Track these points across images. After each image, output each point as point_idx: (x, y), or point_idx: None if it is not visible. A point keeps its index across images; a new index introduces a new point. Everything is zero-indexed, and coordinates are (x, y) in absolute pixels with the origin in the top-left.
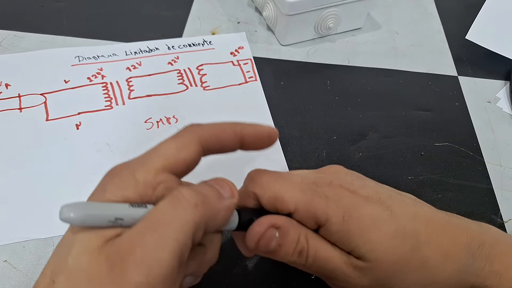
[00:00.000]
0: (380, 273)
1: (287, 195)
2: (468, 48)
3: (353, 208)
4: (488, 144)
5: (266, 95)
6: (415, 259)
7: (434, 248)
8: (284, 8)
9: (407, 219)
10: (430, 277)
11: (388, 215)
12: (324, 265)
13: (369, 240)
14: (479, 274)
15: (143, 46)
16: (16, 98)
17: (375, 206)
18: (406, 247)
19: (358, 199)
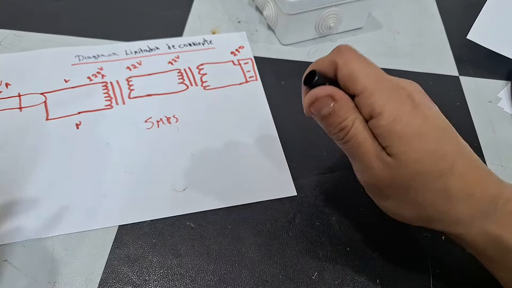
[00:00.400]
0: (401, 177)
1: (361, 78)
2: (469, 48)
3: (407, 115)
4: (489, 144)
5: (266, 94)
6: (440, 182)
7: (462, 184)
8: (284, 8)
9: (451, 149)
10: (443, 206)
11: (437, 136)
12: (357, 148)
13: (407, 145)
14: (496, 222)
15: (143, 46)
16: (16, 98)
17: (429, 123)
18: (437, 168)
19: (417, 111)
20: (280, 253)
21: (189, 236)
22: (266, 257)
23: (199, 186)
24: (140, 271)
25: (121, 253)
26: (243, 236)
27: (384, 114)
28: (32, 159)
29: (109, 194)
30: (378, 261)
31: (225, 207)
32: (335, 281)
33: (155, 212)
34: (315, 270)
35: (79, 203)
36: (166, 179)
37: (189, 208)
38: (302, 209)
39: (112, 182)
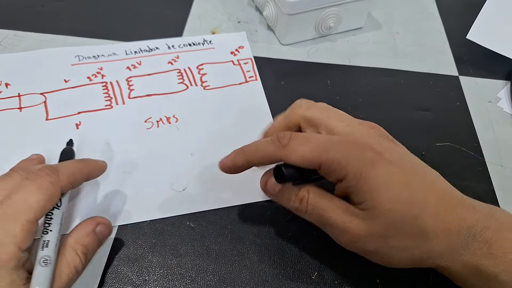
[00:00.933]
0: (378, 228)
1: (310, 158)
2: (469, 48)
3: (371, 167)
4: (489, 144)
5: (266, 94)
6: (415, 225)
7: (438, 222)
8: (284, 8)
9: (421, 189)
10: (425, 246)
11: (404, 182)
12: (324, 214)
13: (377, 198)
14: (476, 253)
15: (143, 46)
16: (16, 98)
17: (393, 169)
18: (410, 213)
19: (379, 159)
20: (280, 253)
21: (189, 236)
22: (266, 257)
23: (199, 186)
24: (140, 271)
25: (121, 253)
26: (243, 236)
27: (349, 175)
28: None
29: (109, 194)
30: None
31: (225, 207)
32: (335, 281)
33: (155, 212)
34: (315, 270)
35: (78, 204)
36: (166, 179)
37: (189, 208)
38: None
39: (112, 182)
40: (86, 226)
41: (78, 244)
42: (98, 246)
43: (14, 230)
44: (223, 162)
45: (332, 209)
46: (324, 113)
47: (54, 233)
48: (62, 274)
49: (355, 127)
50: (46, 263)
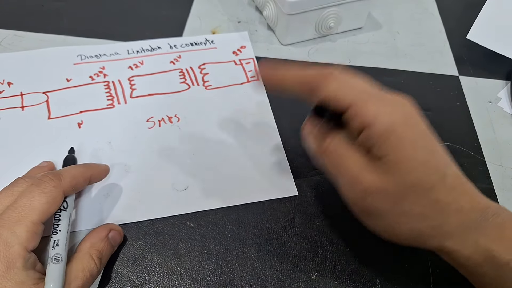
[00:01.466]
0: (394, 186)
1: (343, 95)
2: (469, 48)
3: (402, 126)
4: (489, 144)
5: (268, 94)
6: (430, 194)
7: (453, 197)
8: (284, 8)
9: (442, 161)
10: (435, 219)
11: (430, 148)
12: (340, 161)
13: (400, 154)
14: (488, 234)
15: (145, 45)
16: (18, 97)
17: (421, 134)
18: (430, 179)
19: (410, 122)
20: (280, 253)
21: (189, 236)
22: (266, 257)
23: (200, 186)
24: (140, 271)
25: (121, 253)
26: (243, 236)
27: (377, 124)
28: (34, 158)
29: (110, 194)
30: (378, 261)
31: (225, 207)
32: (335, 281)
33: (155, 212)
34: (315, 270)
35: (79, 202)
36: (167, 179)
37: (189, 208)
38: (302, 209)
39: (113, 181)
40: (99, 232)
41: (93, 249)
42: (111, 252)
43: (19, 231)
44: (262, 71)
45: (350, 157)
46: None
47: (63, 232)
48: (78, 279)
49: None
50: (57, 261)
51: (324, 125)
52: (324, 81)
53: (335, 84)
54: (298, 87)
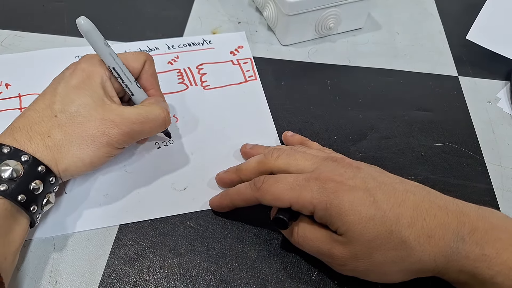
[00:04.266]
0: (359, 248)
1: (281, 199)
2: (469, 48)
3: (334, 196)
4: (489, 144)
5: (266, 95)
6: (393, 238)
7: (417, 230)
8: (284, 8)
9: (390, 205)
10: (411, 256)
11: (370, 201)
12: (312, 243)
13: (347, 222)
14: (469, 256)
15: (142, 46)
16: (17, 98)
17: (359, 193)
18: (383, 229)
19: (342, 188)
20: (280, 253)
21: (190, 235)
22: (266, 257)
23: (199, 186)
24: (141, 271)
25: (122, 252)
26: (243, 235)
27: (317, 207)
28: None
29: (110, 194)
30: None
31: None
32: (334, 281)
33: (155, 212)
34: (315, 270)
35: (79, 203)
36: (166, 179)
37: (189, 208)
38: None
39: (113, 182)
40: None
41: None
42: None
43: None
44: (212, 201)
45: (318, 238)
46: (291, 159)
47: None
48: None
49: (319, 164)
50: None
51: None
52: (260, 197)
53: (268, 196)
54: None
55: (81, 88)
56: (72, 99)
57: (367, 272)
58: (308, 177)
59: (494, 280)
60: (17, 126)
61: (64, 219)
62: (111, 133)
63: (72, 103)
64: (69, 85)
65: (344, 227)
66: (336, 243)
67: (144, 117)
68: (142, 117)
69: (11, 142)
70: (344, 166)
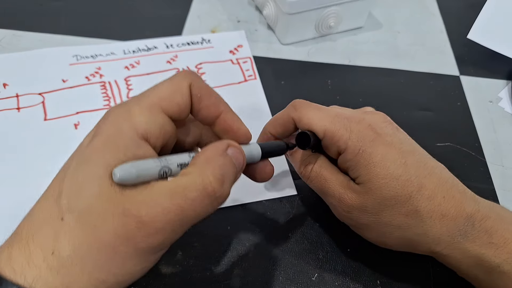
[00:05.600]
0: (372, 201)
1: (318, 124)
2: (470, 47)
3: (370, 145)
4: (490, 144)
5: (266, 94)
6: (409, 204)
7: (433, 205)
8: (284, 7)
9: (418, 172)
10: (418, 227)
11: (401, 162)
12: (325, 183)
13: (371, 173)
14: (476, 241)
15: (141, 45)
16: (14, 98)
17: (392, 150)
18: (404, 191)
19: (379, 140)
20: (280, 254)
21: (189, 236)
22: (266, 258)
23: None
24: None
25: None
26: (243, 236)
27: (349, 149)
28: (30, 159)
29: None
30: (378, 262)
31: (225, 207)
32: (335, 282)
33: None
34: (315, 271)
35: None
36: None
37: None
38: (302, 209)
39: None
40: (217, 145)
41: (210, 165)
42: (235, 174)
43: (132, 110)
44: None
45: (332, 180)
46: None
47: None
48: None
49: (362, 112)
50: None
51: (308, 152)
52: (296, 118)
53: (305, 119)
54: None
55: (95, 163)
56: (81, 186)
57: (367, 228)
58: (350, 117)
59: (501, 268)
60: (19, 232)
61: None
62: (137, 236)
63: (81, 194)
64: (82, 159)
65: (367, 176)
66: (350, 190)
67: (182, 199)
68: (180, 199)
69: (4, 264)
70: (386, 121)
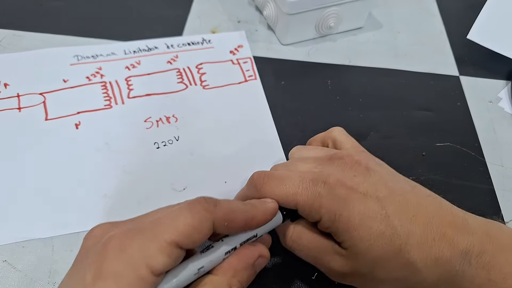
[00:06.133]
0: (362, 265)
1: (287, 200)
2: (470, 48)
3: (344, 207)
4: (490, 144)
5: (266, 94)
6: (400, 258)
7: (425, 251)
8: (284, 7)
9: (402, 220)
10: (415, 277)
11: (382, 215)
12: (308, 251)
13: (354, 237)
14: (474, 281)
15: (142, 45)
16: (15, 98)
17: (369, 204)
18: (393, 247)
19: (352, 196)
20: (280, 253)
21: None
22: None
23: (199, 186)
24: None
25: None
26: None
27: (324, 218)
28: (31, 159)
29: (109, 194)
30: None
31: None
32: (334, 282)
33: None
34: (315, 270)
35: (78, 203)
36: (165, 179)
37: None
38: None
39: (112, 182)
40: (247, 257)
41: (235, 279)
42: (252, 279)
43: (150, 248)
44: None
45: (316, 248)
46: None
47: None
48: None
49: (325, 164)
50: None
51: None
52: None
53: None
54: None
55: None
56: None
57: (365, 286)
58: (315, 179)
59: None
60: None
61: (63, 219)
62: None
63: None
64: None
65: (350, 241)
66: (337, 255)
67: None
68: None
69: None
70: (353, 166)
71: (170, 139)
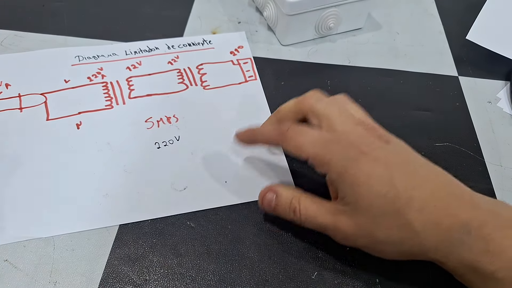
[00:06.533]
0: (363, 221)
1: (303, 147)
2: (469, 48)
3: (353, 165)
4: (489, 144)
5: (266, 95)
6: (399, 219)
7: (426, 215)
8: (284, 8)
9: (406, 187)
10: (413, 239)
11: (387, 178)
12: (315, 220)
13: (357, 193)
14: (472, 250)
15: (143, 46)
16: (17, 98)
17: (378, 167)
18: (392, 207)
19: (363, 158)
20: (280, 253)
21: (190, 235)
22: (266, 257)
23: (199, 185)
24: (141, 271)
25: (122, 252)
26: (243, 236)
27: (331, 170)
28: (32, 159)
29: (110, 194)
30: (378, 261)
31: (225, 206)
32: (334, 281)
33: (155, 212)
34: (315, 270)
35: (79, 203)
36: (166, 179)
37: (189, 207)
38: None
39: (113, 182)
40: None
41: None
42: None
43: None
44: (237, 135)
45: (321, 214)
46: (328, 108)
47: None
48: None
49: (350, 127)
50: None
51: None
52: (282, 141)
53: (291, 145)
54: (267, 143)
55: None
56: None
57: (366, 248)
58: (333, 138)
59: (495, 275)
60: None
61: (64, 219)
62: None
63: None
64: None
65: (353, 197)
66: (341, 215)
67: None
68: None
69: None
70: (375, 136)
71: (170, 139)
